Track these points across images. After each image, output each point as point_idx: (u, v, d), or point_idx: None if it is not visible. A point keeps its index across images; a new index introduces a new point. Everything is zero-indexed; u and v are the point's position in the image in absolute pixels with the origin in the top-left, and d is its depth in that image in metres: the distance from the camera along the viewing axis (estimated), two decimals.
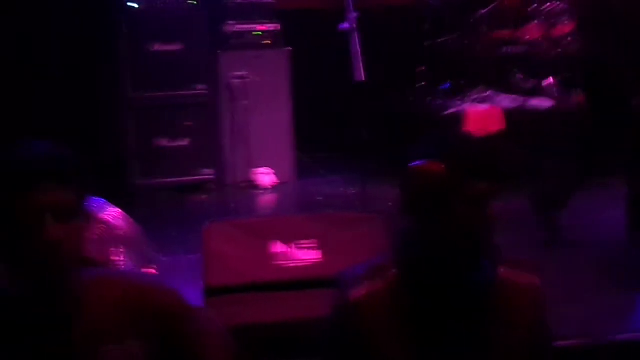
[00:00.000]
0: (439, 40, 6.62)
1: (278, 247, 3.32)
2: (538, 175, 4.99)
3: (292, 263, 3.31)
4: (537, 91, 6.32)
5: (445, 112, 6.13)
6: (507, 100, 6.18)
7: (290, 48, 6.04)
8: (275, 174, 5.89)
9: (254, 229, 3.41)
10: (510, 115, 5.96)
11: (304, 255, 3.32)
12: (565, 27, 6.59)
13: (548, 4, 6.63)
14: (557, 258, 3.84)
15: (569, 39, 6.55)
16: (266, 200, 5.75)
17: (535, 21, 6.60)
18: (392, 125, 6.01)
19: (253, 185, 5.82)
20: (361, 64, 4.39)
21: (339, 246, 3.36)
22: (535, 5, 6.66)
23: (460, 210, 1.70)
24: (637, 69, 4.40)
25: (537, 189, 4.78)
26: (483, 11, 6.78)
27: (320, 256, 3.34)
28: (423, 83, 6.45)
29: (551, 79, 6.35)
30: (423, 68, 6.49)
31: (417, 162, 1.74)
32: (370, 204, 4.72)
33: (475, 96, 6.21)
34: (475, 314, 1.78)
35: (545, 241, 4.36)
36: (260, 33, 6.03)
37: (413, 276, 1.78)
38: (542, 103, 6.21)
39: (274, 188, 5.84)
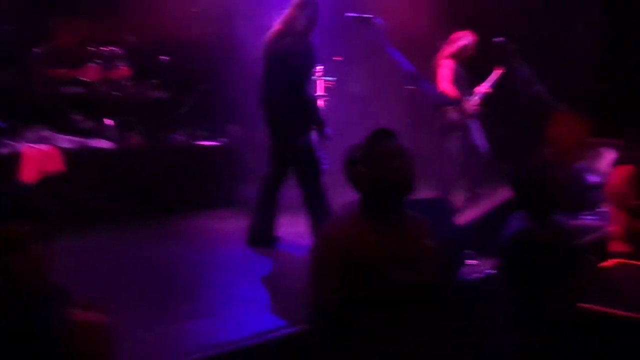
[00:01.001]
0: None
1: None
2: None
3: None
4: (97, 132, 6.36)
5: (0, 152, 5.77)
6: (66, 141, 6.08)
7: None
8: None
9: None
10: (70, 155, 5.87)
11: None
12: (122, 71, 6.78)
13: (106, 47, 6.75)
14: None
15: (127, 82, 6.76)
16: None
17: (93, 63, 6.66)
18: None
19: None
20: None
21: None
22: (93, 47, 6.73)
23: (3, 254, 1.71)
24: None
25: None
26: (37, 49, 6.59)
27: None
28: None
29: (110, 121, 6.45)
30: None
31: None
32: None
33: (33, 136, 5.96)
34: (47, 358, 1.77)
35: None
36: None
37: None
38: (101, 144, 6.26)
39: None
